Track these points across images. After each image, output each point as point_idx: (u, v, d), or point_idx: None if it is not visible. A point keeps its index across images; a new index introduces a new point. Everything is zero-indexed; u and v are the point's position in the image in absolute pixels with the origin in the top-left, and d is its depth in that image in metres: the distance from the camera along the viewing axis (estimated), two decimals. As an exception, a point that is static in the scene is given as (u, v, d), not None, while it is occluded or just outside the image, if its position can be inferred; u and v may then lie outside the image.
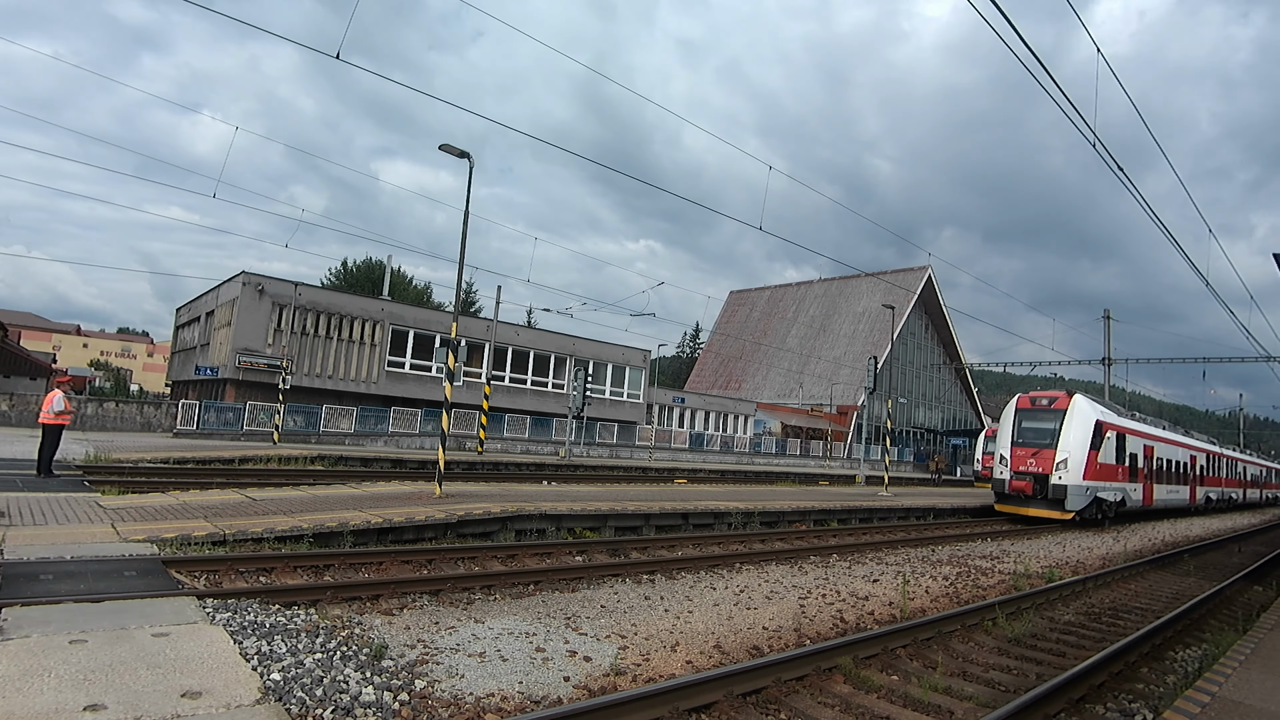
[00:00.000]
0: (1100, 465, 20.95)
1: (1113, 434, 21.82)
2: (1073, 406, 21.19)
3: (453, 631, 6.52)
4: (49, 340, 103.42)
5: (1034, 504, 20.84)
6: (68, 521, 9.44)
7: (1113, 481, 21.78)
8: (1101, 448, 20.96)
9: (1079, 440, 20.56)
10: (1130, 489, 23.16)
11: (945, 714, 5.67)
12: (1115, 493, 21.87)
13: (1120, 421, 23.19)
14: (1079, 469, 20.35)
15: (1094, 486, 20.65)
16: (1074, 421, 20.87)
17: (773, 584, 9.71)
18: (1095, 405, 22.03)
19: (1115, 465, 21.89)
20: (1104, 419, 21.57)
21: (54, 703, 4.07)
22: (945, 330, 75.69)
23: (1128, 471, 22.87)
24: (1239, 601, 11.47)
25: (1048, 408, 21.64)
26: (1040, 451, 21.04)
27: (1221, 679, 5.79)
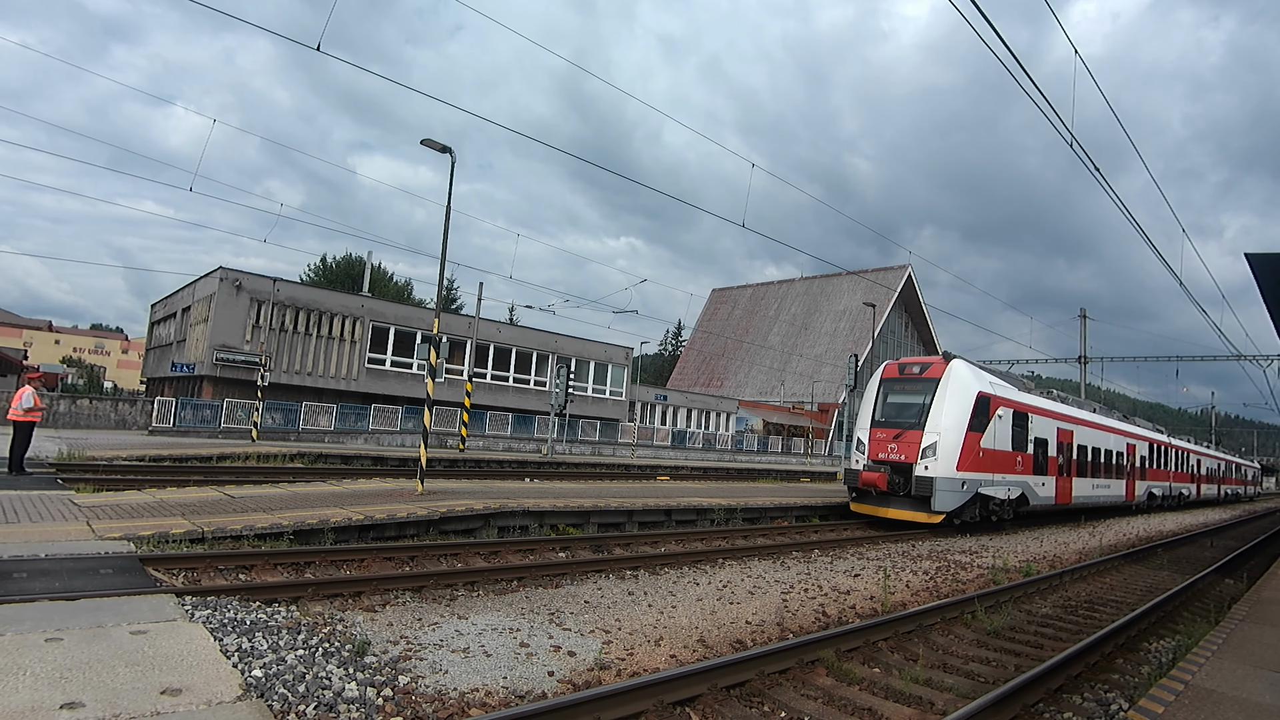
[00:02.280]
0: (985, 452, 16.62)
1: (1007, 412, 17.67)
2: (948, 375, 16.61)
3: (436, 628, 6.50)
4: (19, 337, 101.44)
5: (894, 502, 16.35)
6: (41, 520, 9.27)
7: (1007, 473, 17.55)
8: (988, 429, 16.76)
9: (954, 418, 16.10)
10: (1035, 483, 18.99)
11: (926, 705, 5.74)
12: (1010, 487, 17.69)
13: (1020, 397, 18.89)
14: (951, 456, 15.86)
15: (975, 479, 16.32)
16: (948, 394, 16.32)
17: (755, 579, 9.77)
18: (982, 375, 17.75)
19: (1011, 453, 17.74)
20: (993, 392, 17.28)
21: (30, 701, 4.00)
22: (925, 328, 76.47)
23: (1031, 461, 18.74)
24: (1211, 594, 11.70)
25: (918, 376, 17.13)
26: (904, 433, 16.47)
27: (1194, 668, 5.91)
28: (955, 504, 15.96)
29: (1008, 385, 18.84)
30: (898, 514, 16.31)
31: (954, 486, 15.88)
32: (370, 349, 36.03)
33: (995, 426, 17.01)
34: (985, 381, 17.41)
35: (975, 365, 18.21)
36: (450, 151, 14.87)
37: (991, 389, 17.35)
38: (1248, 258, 11.35)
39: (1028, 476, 18.68)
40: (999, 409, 17.26)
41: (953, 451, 15.90)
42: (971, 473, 16.23)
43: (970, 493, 16.28)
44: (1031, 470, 18.89)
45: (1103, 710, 5.93)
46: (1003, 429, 17.40)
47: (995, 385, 17.79)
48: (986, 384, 17.34)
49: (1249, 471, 61.61)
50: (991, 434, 16.84)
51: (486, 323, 39.24)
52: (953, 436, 16.00)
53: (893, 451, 16.63)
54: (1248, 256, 11.32)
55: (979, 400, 16.54)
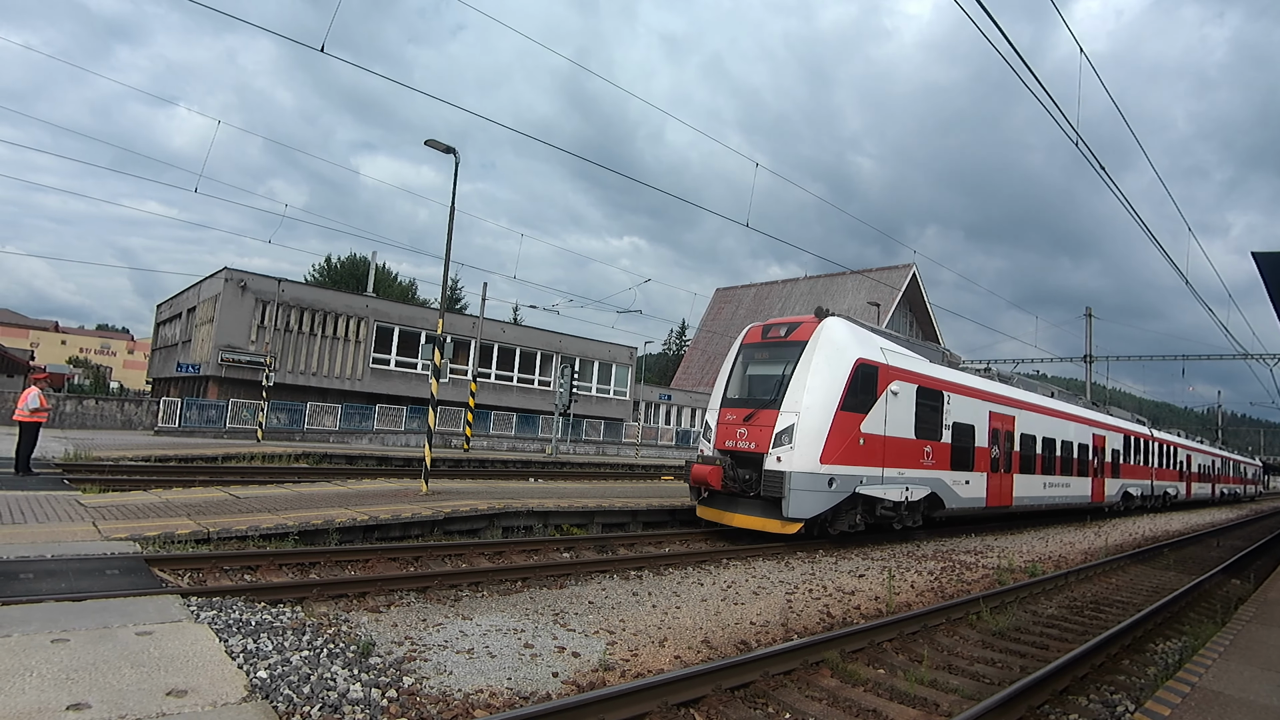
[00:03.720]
0: (868, 439, 12.79)
1: (907, 389, 13.89)
2: (817, 337, 12.73)
3: (440, 628, 6.50)
4: (26, 337, 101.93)
5: (741, 505, 12.55)
6: (48, 520, 9.31)
7: (907, 467, 13.82)
8: (875, 409, 12.97)
9: (820, 394, 12.19)
10: (954, 480, 15.23)
11: (931, 706, 5.73)
12: (910, 486, 13.95)
13: (930, 370, 15.00)
14: (813, 443, 11.93)
15: (850, 475, 12.44)
16: (814, 362, 12.41)
17: (759, 579, 9.76)
18: (870, 338, 13.71)
19: (915, 441, 14.07)
20: (883, 361, 13.35)
21: (36, 702, 4.02)
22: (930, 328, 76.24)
23: (948, 452, 15.08)
24: (1218, 594, 11.65)
25: (783, 339, 13.31)
26: (756, 414, 12.57)
27: (1201, 670, 5.88)
28: (818, 508, 11.94)
29: (914, 355, 14.91)
30: (744, 521, 12.30)
31: (816, 484, 11.85)
32: (375, 349, 36.10)
33: (887, 406, 13.23)
34: (873, 347, 13.43)
35: (869, 328, 14.30)
36: (454, 152, 14.89)
37: (883, 357, 13.50)
38: (1254, 256, 11.29)
39: (941, 472, 14.81)
40: (893, 383, 13.44)
41: (815, 437, 11.89)
42: (844, 466, 12.23)
43: (843, 492, 12.32)
44: (948, 464, 15.03)
45: (1109, 712, 5.90)
46: (900, 410, 13.62)
47: (891, 353, 13.87)
48: (875, 350, 13.39)
49: (1249, 470, 57.12)
50: (880, 415, 13.05)
51: (491, 323, 39.28)
52: (817, 417, 12.00)
53: (742, 438, 12.57)
54: (1254, 255, 11.27)
55: (858, 370, 12.62)
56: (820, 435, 12.03)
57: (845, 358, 12.67)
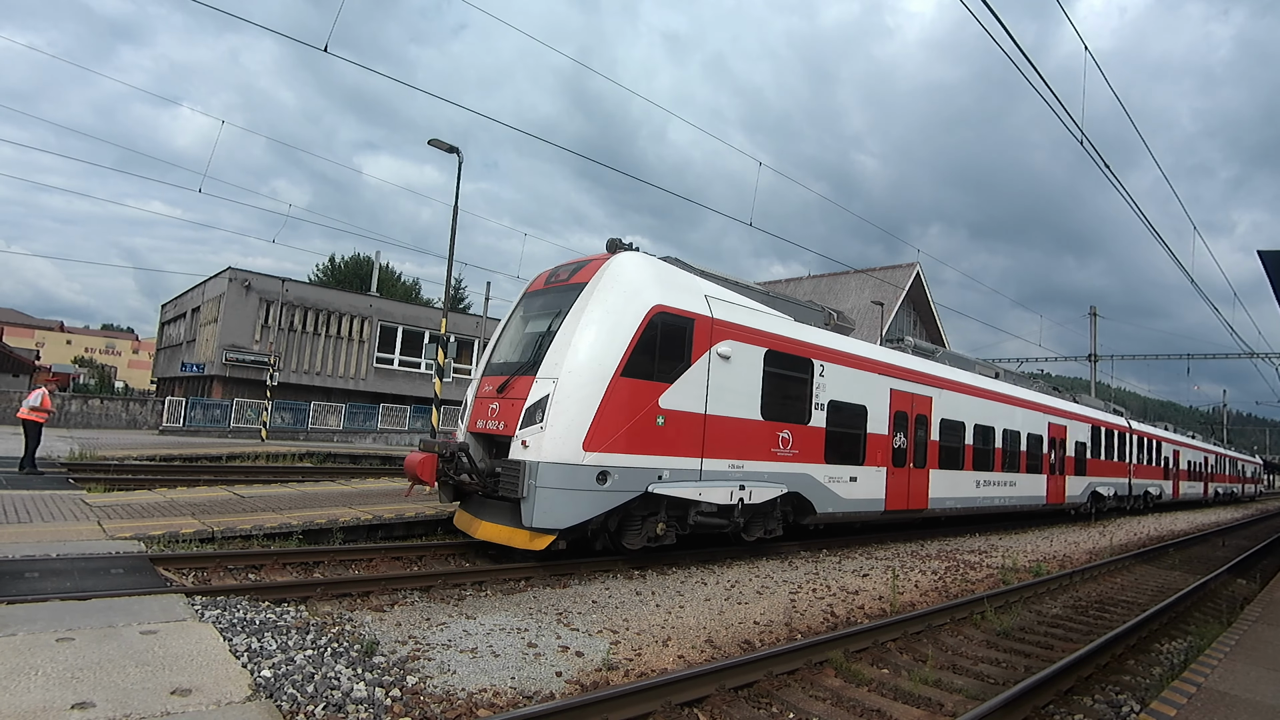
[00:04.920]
0: (675, 419, 9.44)
1: (747, 351, 10.55)
2: (600, 275, 9.58)
3: (444, 628, 6.51)
4: (32, 337, 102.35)
5: (489, 510, 9.35)
6: (53, 519, 9.34)
7: (748, 458, 10.48)
8: (687, 376, 9.63)
9: (592, 351, 8.94)
10: (829, 476, 11.97)
11: (935, 706, 5.71)
12: (757, 484, 10.55)
13: (790, 330, 11.56)
14: (572, 422, 8.65)
15: (634, 468, 9.02)
16: (589, 308, 9.25)
17: (763, 579, 9.75)
18: (688, 279, 10.36)
19: (761, 424, 10.69)
20: (702, 312, 9.97)
21: (41, 701, 4.03)
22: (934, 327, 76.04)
23: (820, 440, 11.79)
24: (1223, 594, 11.61)
25: (565, 282, 10.13)
26: (512, 382, 9.48)
27: (1207, 670, 5.86)
28: (581, 513, 8.64)
29: (766, 311, 11.33)
30: (488, 532, 9.06)
31: (575, 480, 8.52)
32: (378, 349, 36.16)
33: (711, 374, 9.87)
34: (687, 293, 9.93)
35: (698, 272, 10.92)
36: (458, 151, 14.91)
37: (705, 307, 10.01)
38: (1260, 255, 11.26)
39: (808, 466, 11.51)
40: (722, 343, 10.05)
41: (577, 414, 8.59)
42: (626, 455, 8.87)
43: (627, 491, 8.94)
44: (821, 455, 11.78)
45: (1114, 712, 5.89)
46: (734, 380, 10.24)
47: (721, 303, 10.37)
48: (690, 297, 9.92)
49: (1248, 468, 53.68)
50: (696, 386, 9.69)
51: (494, 322, 39.32)
52: (581, 386, 8.68)
53: (493, 415, 9.52)
54: (1260, 254, 11.23)
55: (656, 322, 9.28)
56: (584, 411, 8.57)
57: (635, 305, 9.21)
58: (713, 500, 9.93)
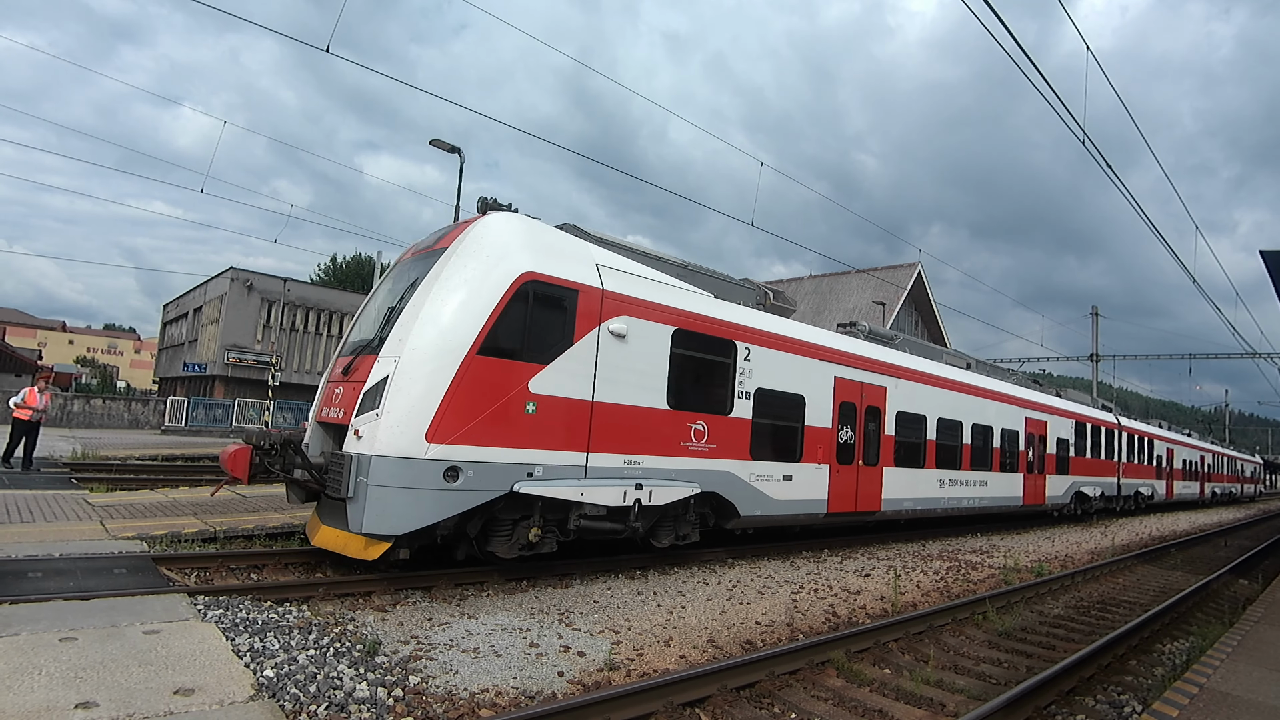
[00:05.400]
0: (552, 406, 8.19)
1: (650, 330, 9.30)
2: (462, 239, 8.39)
3: (446, 628, 6.51)
4: (34, 337, 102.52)
5: (329, 510, 8.13)
6: (55, 519, 9.36)
7: (654, 453, 9.27)
8: (568, 357, 8.38)
9: (441, 326, 7.68)
10: (758, 474, 10.72)
11: (937, 707, 5.72)
12: (660, 483, 9.27)
13: (701, 307, 10.16)
14: (414, 408, 7.37)
15: (500, 463, 7.80)
16: (446, 277, 8.03)
17: (765, 579, 9.75)
18: (573, 244, 9.04)
19: (672, 415, 9.47)
20: (590, 283, 8.71)
21: (45, 700, 4.04)
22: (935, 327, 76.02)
23: (745, 433, 10.55)
24: (1225, 595, 11.60)
25: (430, 248, 8.92)
26: (357, 363, 8.32)
27: (1209, 671, 5.86)
28: (425, 516, 7.36)
29: (676, 285, 9.99)
30: (326, 538, 7.84)
31: (417, 476, 7.26)
32: (380, 348, 36.16)
33: (601, 354, 8.63)
34: (570, 259, 8.71)
35: (592, 237, 9.61)
36: (459, 152, 14.93)
37: (595, 277, 8.78)
38: (1263, 255, 11.26)
39: (729, 462, 10.25)
40: (615, 319, 8.80)
41: (420, 398, 7.34)
42: (484, 447, 7.64)
43: (487, 491, 7.69)
44: (746, 450, 10.52)
45: (1116, 713, 5.89)
46: (632, 362, 9.00)
47: (615, 273, 9.10)
48: (575, 264, 8.70)
49: (1247, 467, 52.50)
50: (581, 368, 8.45)
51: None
52: (426, 365, 7.44)
53: (336, 400, 8.39)
54: (1263, 254, 11.23)
55: (526, 292, 8.06)
56: (429, 395, 7.34)
57: (498, 272, 7.95)
58: (599, 501, 8.62)
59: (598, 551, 10.12)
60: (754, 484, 10.66)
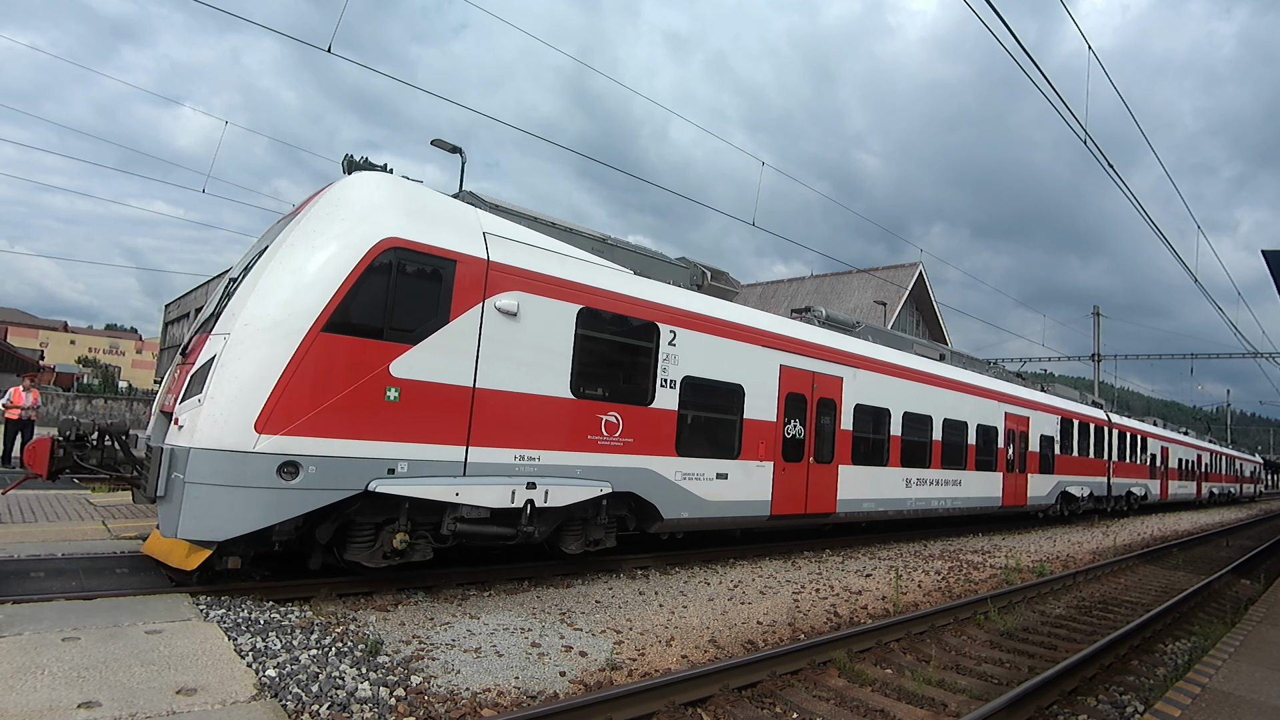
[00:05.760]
0: (420, 393, 7.17)
1: (548, 307, 8.32)
2: (317, 201, 7.46)
3: (448, 627, 6.52)
4: (35, 337, 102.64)
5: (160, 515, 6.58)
6: (58, 519, 9.38)
7: (552, 448, 8.27)
8: (442, 336, 7.36)
9: (280, 299, 6.66)
10: (685, 472, 9.70)
11: (939, 707, 5.72)
12: (559, 482, 8.26)
13: (617, 285, 9.17)
14: (242, 393, 6.32)
15: (351, 457, 6.74)
16: (292, 243, 7.03)
17: (766, 579, 9.75)
18: (453, 207, 8.01)
19: (576, 404, 8.55)
20: (473, 252, 7.71)
21: (47, 700, 4.04)
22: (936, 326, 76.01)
23: (670, 425, 9.56)
24: (1227, 595, 11.60)
25: (291, 215, 8.09)
26: (195, 344, 7.30)
27: (1211, 671, 5.86)
28: (248, 520, 6.33)
29: (585, 258, 8.96)
30: (152, 543, 7.64)
31: (240, 474, 6.29)
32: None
33: (486, 332, 7.64)
34: (449, 223, 7.69)
35: (473, 200, 8.64)
36: (460, 152, 14.92)
37: (480, 246, 7.77)
38: (1265, 254, 11.25)
39: (649, 459, 9.25)
40: (503, 294, 7.80)
41: (250, 381, 6.39)
42: (325, 439, 6.63)
43: (328, 490, 6.66)
44: (671, 445, 9.53)
45: (1118, 713, 5.88)
46: (525, 343, 8.00)
47: (506, 243, 8.05)
48: (456, 230, 7.68)
49: (1246, 467, 51.37)
50: (458, 349, 7.45)
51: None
52: (258, 342, 6.50)
53: (173, 387, 7.43)
54: (1265, 253, 11.22)
55: (385, 258, 7.06)
56: (261, 378, 6.37)
57: (353, 237, 6.98)
58: (480, 502, 7.51)
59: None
60: (680, 483, 9.65)
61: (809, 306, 13.85)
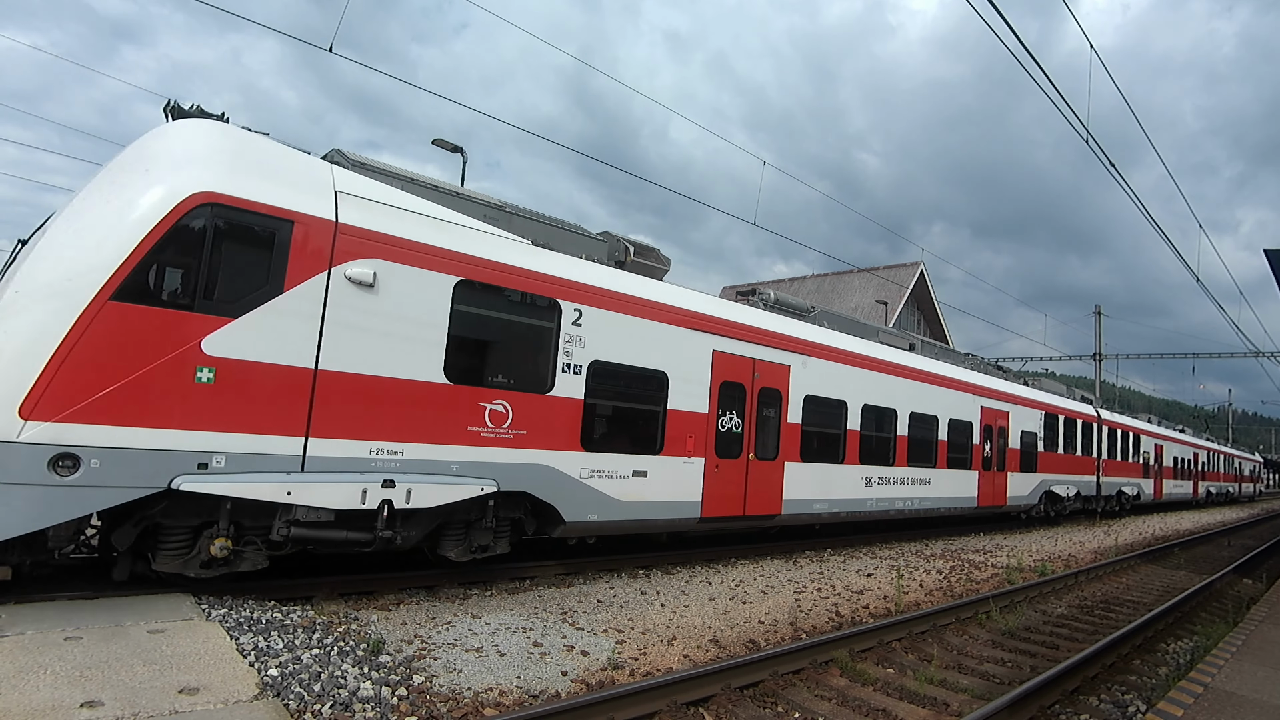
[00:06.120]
0: (244, 374, 6.25)
1: (416, 277, 7.31)
2: (125, 152, 6.56)
3: (450, 627, 6.52)
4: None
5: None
6: (60, 518, 9.36)
7: (419, 440, 7.29)
8: (274, 308, 6.44)
9: (59, 261, 5.73)
10: (592, 469, 8.78)
11: (941, 706, 5.71)
12: (429, 480, 7.27)
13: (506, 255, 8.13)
14: (7, 369, 5.41)
15: (140, 451, 5.81)
16: (86, 195, 6.16)
17: (768, 578, 9.75)
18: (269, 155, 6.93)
19: (452, 390, 7.54)
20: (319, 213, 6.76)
21: (50, 699, 4.04)
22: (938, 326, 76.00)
23: (575, 416, 8.66)
24: (1229, 594, 11.59)
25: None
26: None
27: (1214, 670, 5.85)
28: (8, 524, 5.43)
29: (468, 224, 7.99)
30: None
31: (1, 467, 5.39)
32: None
33: (333, 305, 6.73)
34: (288, 181, 6.77)
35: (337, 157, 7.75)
36: (461, 151, 14.92)
37: (329, 206, 6.86)
38: (1267, 253, 11.24)
39: (547, 453, 8.27)
40: (358, 260, 6.91)
41: (16, 357, 5.49)
42: (115, 426, 5.74)
43: (118, 489, 5.80)
44: (574, 439, 8.56)
45: (1120, 712, 5.88)
46: (386, 318, 7.08)
47: (360, 201, 7.11)
48: (294, 187, 6.75)
49: (1246, 466, 50.66)
50: (295, 324, 6.56)
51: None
52: (29, 310, 5.62)
53: None
54: (1266, 252, 11.21)
55: (194, 216, 6.16)
56: (29, 354, 5.53)
57: (160, 189, 6.09)
58: (322, 503, 6.52)
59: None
60: (587, 481, 8.63)
61: (755, 288, 12.72)
